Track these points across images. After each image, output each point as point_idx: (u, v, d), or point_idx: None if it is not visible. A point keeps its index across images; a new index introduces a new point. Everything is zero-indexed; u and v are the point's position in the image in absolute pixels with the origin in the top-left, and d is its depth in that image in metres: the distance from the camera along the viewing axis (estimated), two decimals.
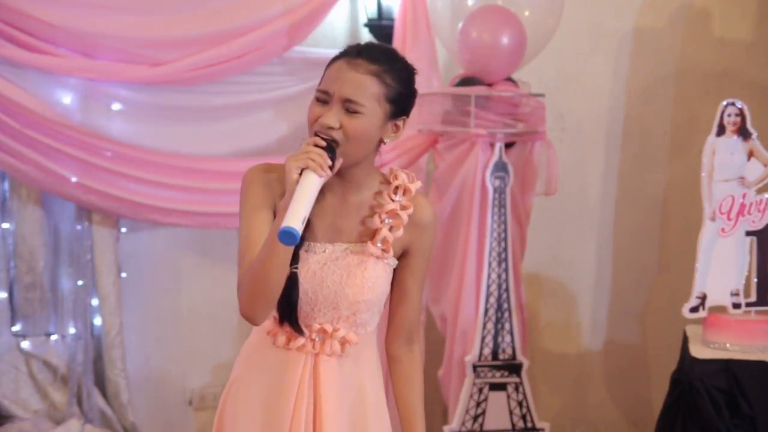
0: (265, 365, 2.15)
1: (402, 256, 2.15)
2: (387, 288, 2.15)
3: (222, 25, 3.78)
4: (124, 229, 3.99)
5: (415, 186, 2.13)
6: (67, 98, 3.74)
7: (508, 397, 3.88)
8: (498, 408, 3.87)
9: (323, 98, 2.05)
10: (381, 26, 4.15)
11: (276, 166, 2.11)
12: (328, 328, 2.10)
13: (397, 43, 3.97)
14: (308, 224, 2.01)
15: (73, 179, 3.68)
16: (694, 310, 3.51)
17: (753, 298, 3.51)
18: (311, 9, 3.86)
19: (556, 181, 3.97)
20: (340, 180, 2.08)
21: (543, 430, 3.92)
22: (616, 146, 4.51)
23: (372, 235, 2.10)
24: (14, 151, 3.59)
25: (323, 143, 1.98)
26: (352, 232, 2.11)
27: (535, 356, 4.33)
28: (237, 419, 2.15)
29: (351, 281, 2.08)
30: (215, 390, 4.30)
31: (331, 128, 2.01)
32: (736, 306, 3.50)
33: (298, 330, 2.09)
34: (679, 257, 4.26)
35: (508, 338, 3.86)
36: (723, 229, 3.51)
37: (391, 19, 4.10)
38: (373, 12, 4.17)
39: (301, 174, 1.95)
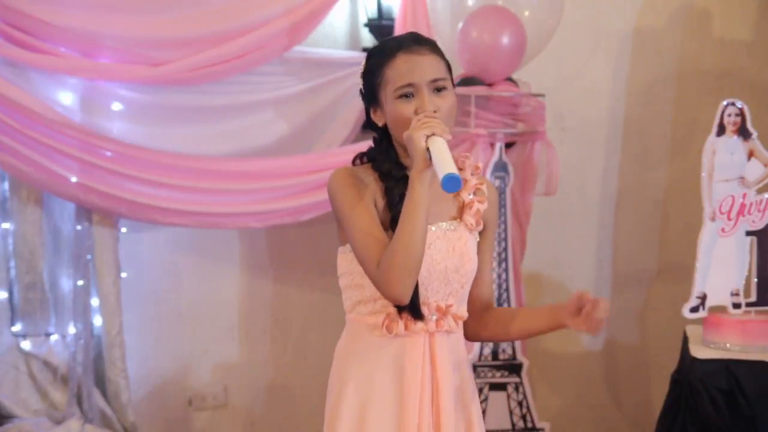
0: (382, 356, 2.19)
1: (481, 232, 2.28)
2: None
3: (222, 25, 3.78)
4: (124, 229, 3.99)
5: (481, 165, 2.31)
6: (67, 98, 3.74)
7: (508, 397, 3.88)
8: (498, 408, 3.87)
9: (409, 92, 2.13)
10: (381, 26, 4.15)
11: (355, 168, 2.21)
12: (443, 305, 2.19)
13: None
14: None
15: (73, 179, 3.68)
16: (694, 310, 3.51)
17: (753, 298, 3.51)
18: (311, 9, 3.86)
19: (556, 181, 3.97)
20: None
21: (543, 430, 3.92)
22: (616, 146, 4.51)
23: (462, 211, 2.23)
24: (14, 151, 3.59)
25: (434, 114, 2.09)
26: (445, 212, 2.22)
27: (535, 356, 4.33)
28: (372, 418, 2.18)
29: (457, 254, 2.19)
30: (215, 390, 4.30)
31: (434, 112, 2.11)
32: (736, 306, 3.50)
33: (418, 315, 2.16)
34: (679, 257, 4.26)
35: None
36: (723, 229, 3.51)
37: (391, 19, 4.10)
38: (373, 12, 4.17)
39: (426, 142, 2.04)
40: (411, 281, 2.08)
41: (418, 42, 2.16)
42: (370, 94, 2.19)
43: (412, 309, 2.15)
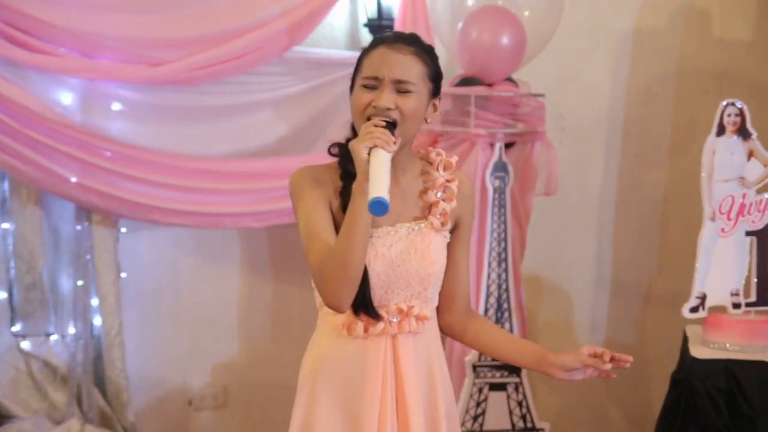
0: (342, 359, 2.20)
1: (453, 230, 2.26)
2: (445, 261, 2.24)
3: (222, 25, 3.78)
4: (124, 229, 3.99)
5: (454, 160, 2.27)
6: (67, 98, 3.74)
7: (508, 397, 3.88)
8: (498, 408, 3.87)
9: (372, 84, 2.15)
10: (381, 26, 4.15)
11: (319, 168, 2.21)
12: (404, 306, 2.17)
13: None
14: None
15: (73, 179, 3.68)
16: (694, 310, 3.51)
17: (753, 298, 3.51)
18: (311, 9, 3.86)
19: (556, 181, 3.97)
20: None
21: (543, 430, 3.92)
22: (616, 146, 4.51)
23: (428, 209, 2.21)
24: (14, 151, 3.59)
25: (383, 123, 2.08)
26: (409, 212, 2.21)
27: None
28: (320, 421, 2.18)
29: (419, 256, 2.17)
30: (215, 390, 4.30)
31: (388, 109, 2.11)
32: (736, 306, 3.50)
33: (375, 316, 2.15)
34: (679, 257, 4.26)
35: None
36: (723, 229, 3.51)
37: (391, 19, 4.10)
38: (373, 12, 4.18)
39: (369, 154, 2.03)
40: (347, 291, 2.07)
41: (404, 41, 2.17)
42: (351, 83, 2.23)
43: (366, 310, 2.15)
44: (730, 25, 4.46)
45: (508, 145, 3.94)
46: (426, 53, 2.18)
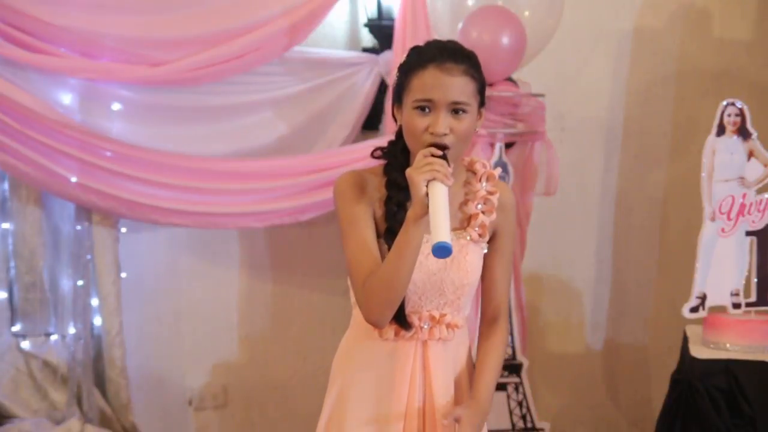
0: (373, 359, 2.23)
1: (490, 240, 2.27)
2: (480, 272, 2.26)
3: (222, 25, 3.78)
4: (124, 229, 3.99)
5: (498, 172, 2.27)
6: (67, 98, 3.74)
7: (508, 397, 3.88)
8: (498, 408, 3.88)
9: (426, 106, 2.13)
10: (381, 26, 4.15)
11: (363, 172, 2.21)
12: (436, 314, 2.21)
13: (397, 44, 3.97)
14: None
15: (73, 179, 3.68)
16: (694, 310, 3.51)
17: (753, 298, 3.51)
18: (311, 9, 3.86)
19: (556, 181, 3.98)
20: None
21: (543, 430, 3.93)
22: (616, 146, 4.51)
23: (467, 221, 2.22)
24: (14, 151, 3.59)
25: (440, 153, 2.07)
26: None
27: (535, 356, 4.33)
28: (348, 417, 2.22)
29: (455, 266, 2.19)
30: (215, 390, 4.30)
31: (444, 135, 2.11)
32: (736, 306, 3.50)
33: (405, 327, 2.19)
34: (679, 257, 4.26)
35: (508, 338, 3.86)
36: (723, 229, 3.51)
37: (391, 19, 4.10)
38: (373, 12, 4.18)
39: (427, 186, 2.03)
40: (389, 312, 2.11)
41: (454, 59, 2.14)
42: (397, 92, 2.20)
43: (399, 321, 2.17)
44: (730, 25, 4.46)
45: (508, 145, 3.94)
46: (474, 68, 2.17)
